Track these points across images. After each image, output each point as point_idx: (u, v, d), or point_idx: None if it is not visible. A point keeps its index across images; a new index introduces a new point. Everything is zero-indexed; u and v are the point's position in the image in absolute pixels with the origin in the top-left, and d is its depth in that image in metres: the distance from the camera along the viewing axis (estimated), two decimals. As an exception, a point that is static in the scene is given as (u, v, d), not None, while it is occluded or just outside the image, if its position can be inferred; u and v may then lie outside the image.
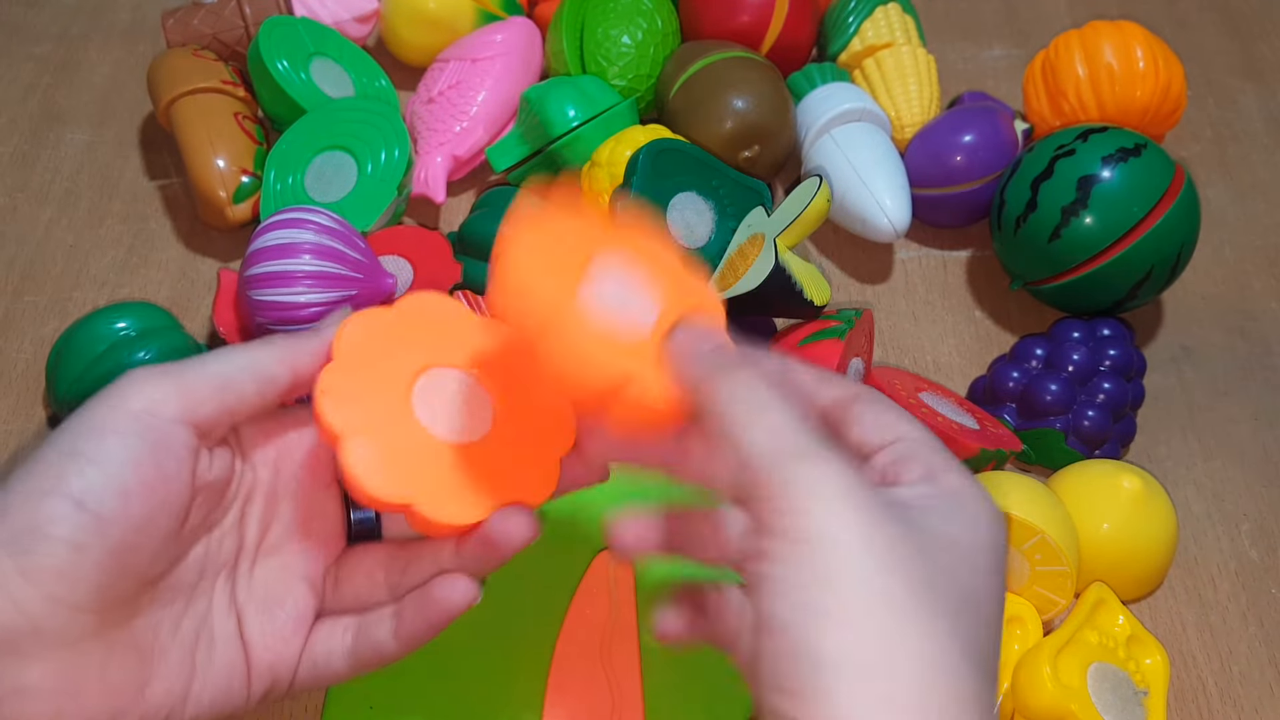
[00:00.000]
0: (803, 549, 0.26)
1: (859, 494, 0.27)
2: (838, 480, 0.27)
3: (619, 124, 0.65)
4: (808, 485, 0.27)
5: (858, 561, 0.26)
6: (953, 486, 0.29)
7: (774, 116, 0.66)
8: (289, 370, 0.33)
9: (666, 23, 0.71)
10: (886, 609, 0.26)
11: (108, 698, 0.29)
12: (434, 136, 0.68)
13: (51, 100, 0.77)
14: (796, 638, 0.26)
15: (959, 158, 0.66)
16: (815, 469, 0.27)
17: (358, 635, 0.35)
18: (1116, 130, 0.61)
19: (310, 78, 0.67)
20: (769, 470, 0.27)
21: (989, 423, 0.58)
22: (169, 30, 0.72)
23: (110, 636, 0.29)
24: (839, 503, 0.27)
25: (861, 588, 0.26)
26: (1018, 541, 0.50)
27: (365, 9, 0.76)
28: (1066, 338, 0.60)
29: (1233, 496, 0.59)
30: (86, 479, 0.28)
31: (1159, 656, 0.51)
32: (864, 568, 0.26)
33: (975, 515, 0.29)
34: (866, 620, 0.25)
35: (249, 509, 0.34)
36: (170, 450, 0.30)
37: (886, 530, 0.27)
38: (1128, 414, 0.59)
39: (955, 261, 0.70)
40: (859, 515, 0.27)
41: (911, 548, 0.27)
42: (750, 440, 0.28)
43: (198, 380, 0.31)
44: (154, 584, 0.31)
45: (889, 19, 0.73)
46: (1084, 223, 0.59)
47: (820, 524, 0.26)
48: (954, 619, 0.26)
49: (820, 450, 0.28)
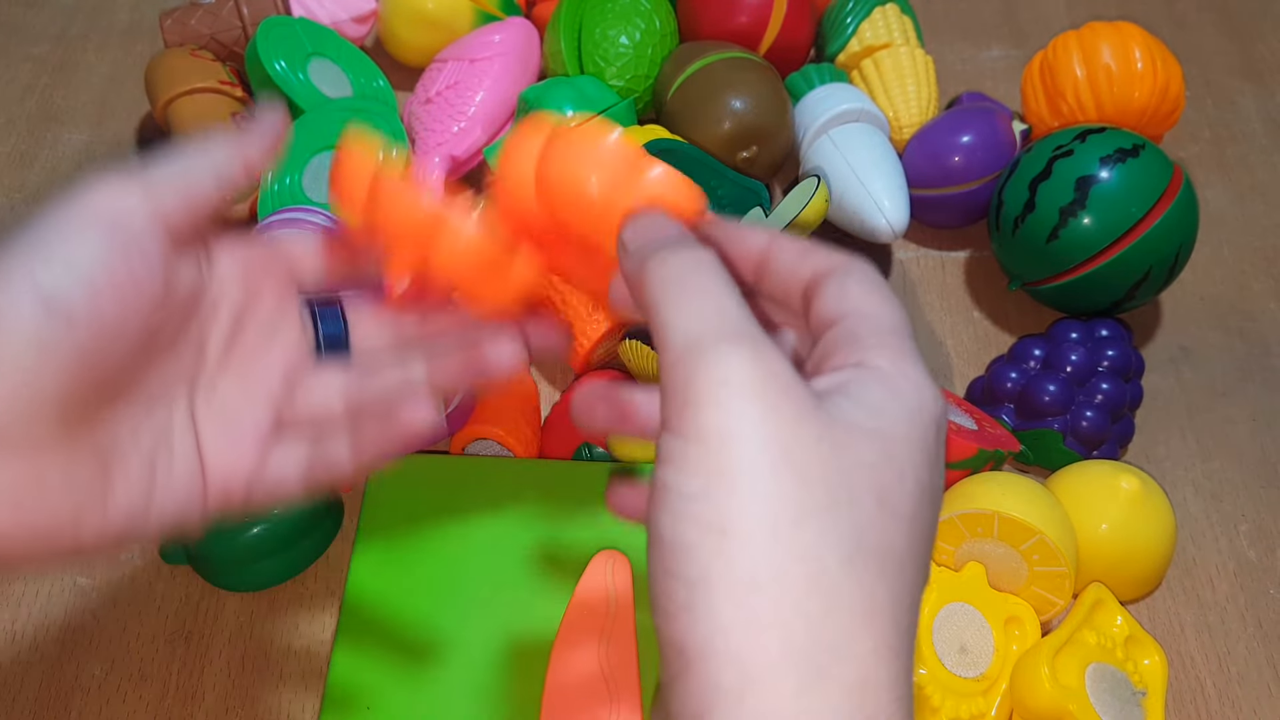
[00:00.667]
0: (695, 449, 0.24)
1: (771, 384, 0.24)
2: (750, 368, 0.24)
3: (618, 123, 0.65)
4: (714, 374, 0.24)
5: (753, 462, 0.23)
6: (882, 369, 0.26)
7: (772, 117, 0.66)
8: (242, 166, 0.33)
9: (664, 23, 0.71)
10: (780, 516, 0.23)
11: (70, 501, 0.28)
12: (431, 137, 0.68)
13: (49, 100, 0.77)
14: (678, 550, 0.23)
15: (957, 158, 0.66)
16: (726, 356, 0.24)
17: (313, 453, 0.34)
18: (1115, 131, 0.61)
19: (308, 78, 0.67)
20: (680, 359, 0.24)
21: (987, 423, 0.58)
22: (167, 30, 0.72)
23: (73, 441, 0.28)
24: (744, 394, 0.24)
25: (754, 493, 0.23)
26: (1016, 542, 0.50)
27: (363, 9, 0.76)
28: (1065, 338, 0.60)
29: (1231, 497, 0.59)
30: (55, 277, 0.27)
31: (1157, 657, 0.51)
32: (759, 469, 0.23)
33: (904, 402, 0.26)
34: (756, 530, 0.23)
35: (214, 323, 0.34)
36: (142, 252, 0.29)
37: (794, 427, 0.24)
38: (1126, 415, 0.59)
39: (953, 262, 0.70)
40: (764, 408, 0.24)
41: (820, 445, 0.24)
42: (671, 327, 0.25)
43: (163, 180, 0.31)
44: (118, 391, 0.30)
45: (887, 20, 0.73)
46: (1082, 223, 0.59)
47: (717, 419, 0.23)
48: (861, 525, 0.24)
49: (740, 335, 0.25)
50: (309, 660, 0.52)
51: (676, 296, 0.26)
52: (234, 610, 0.53)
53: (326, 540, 0.55)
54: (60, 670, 0.51)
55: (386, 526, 0.53)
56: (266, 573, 0.53)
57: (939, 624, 0.50)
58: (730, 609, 0.22)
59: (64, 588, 0.54)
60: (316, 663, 0.52)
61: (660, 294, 0.26)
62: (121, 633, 0.52)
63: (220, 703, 0.50)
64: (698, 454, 0.24)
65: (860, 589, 0.23)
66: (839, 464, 0.24)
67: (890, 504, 0.24)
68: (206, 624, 0.53)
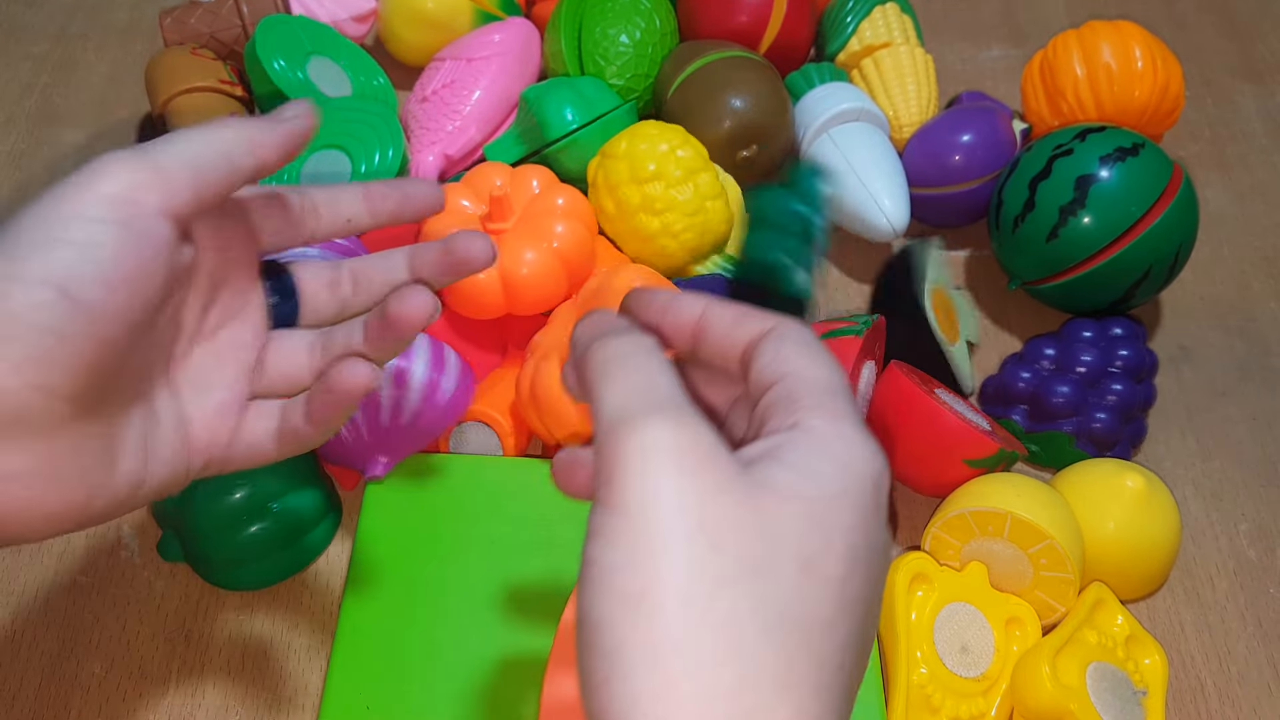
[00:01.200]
0: (618, 520, 0.24)
1: (692, 454, 0.24)
2: (671, 438, 0.24)
3: (617, 128, 0.65)
4: (636, 446, 0.24)
5: (670, 531, 0.23)
6: (817, 430, 0.26)
7: (772, 116, 0.66)
8: (255, 159, 0.32)
9: (665, 22, 0.71)
10: (695, 586, 0.23)
11: (83, 483, 0.30)
12: (427, 135, 0.68)
13: (49, 99, 0.77)
14: (600, 624, 0.23)
15: (957, 157, 0.66)
16: (648, 428, 0.24)
17: (281, 418, 0.35)
18: (1115, 130, 0.61)
19: (307, 77, 0.67)
20: (607, 433, 0.25)
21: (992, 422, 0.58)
22: (166, 29, 0.72)
23: (81, 424, 0.29)
24: (664, 464, 0.24)
25: (670, 562, 0.23)
26: (1026, 544, 0.50)
27: (363, 8, 0.76)
28: (1077, 338, 0.60)
29: (1231, 496, 0.59)
30: (69, 266, 0.28)
31: (1158, 656, 0.51)
32: (676, 538, 0.23)
33: (837, 463, 0.25)
34: (671, 600, 0.23)
35: (192, 293, 0.34)
36: (152, 242, 0.29)
37: (714, 496, 0.24)
38: (1138, 416, 0.59)
39: (954, 263, 0.70)
40: (684, 478, 0.24)
41: (740, 513, 0.24)
42: (603, 403, 0.26)
43: (173, 166, 0.30)
44: (118, 372, 0.30)
45: (887, 19, 0.73)
46: (1082, 222, 0.59)
47: (637, 490, 0.24)
48: (783, 592, 0.23)
49: (664, 407, 0.25)
50: (308, 659, 0.52)
51: (611, 376, 0.26)
52: (234, 609, 0.53)
53: (326, 539, 0.55)
54: (60, 668, 0.51)
55: (386, 526, 0.53)
56: (266, 572, 0.53)
57: (940, 624, 0.50)
58: (646, 679, 0.22)
59: (64, 586, 0.54)
60: (316, 661, 0.52)
61: (598, 375, 0.27)
62: (121, 631, 0.52)
63: (220, 701, 0.50)
64: (620, 525, 0.24)
65: (779, 657, 0.23)
66: (760, 532, 0.24)
67: (817, 569, 0.24)
68: (206, 623, 0.53)
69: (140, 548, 0.55)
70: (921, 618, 0.50)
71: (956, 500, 0.52)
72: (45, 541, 0.55)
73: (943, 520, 0.52)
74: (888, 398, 0.55)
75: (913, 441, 0.54)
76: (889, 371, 0.55)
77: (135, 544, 0.55)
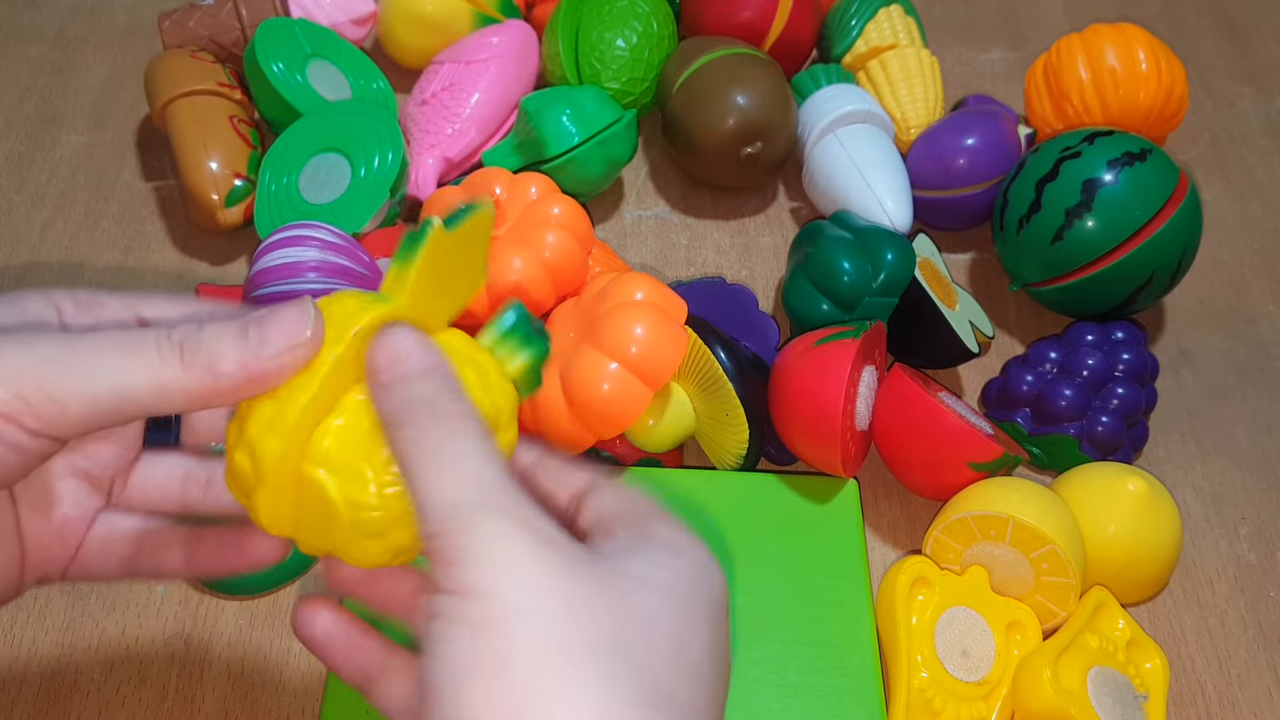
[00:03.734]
0: (469, 603, 0.24)
1: (543, 544, 0.24)
2: (522, 530, 0.24)
3: (616, 144, 0.65)
4: (486, 535, 0.24)
5: (527, 613, 0.23)
6: (664, 537, 0.27)
7: (776, 113, 0.66)
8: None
9: (662, 26, 0.71)
10: (554, 661, 0.23)
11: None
12: (426, 138, 0.68)
13: (48, 102, 0.77)
14: (449, 699, 0.23)
15: (962, 161, 0.66)
16: (498, 520, 0.24)
17: (140, 550, 0.32)
18: (1122, 134, 0.61)
19: (306, 80, 0.67)
20: (447, 519, 0.24)
21: (994, 426, 0.58)
22: (165, 32, 0.72)
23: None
24: (519, 553, 0.24)
25: (527, 639, 0.23)
26: (1027, 549, 0.50)
27: (362, 11, 0.75)
28: (1081, 341, 0.60)
29: (1231, 500, 0.59)
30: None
31: (1158, 660, 0.51)
32: (533, 619, 0.23)
33: (690, 562, 0.27)
34: (528, 675, 0.23)
35: None
36: (20, 455, 0.26)
37: (569, 580, 0.24)
38: (1141, 420, 0.59)
39: (955, 265, 0.70)
40: (538, 565, 0.24)
41: (605, 592, 0.24)
42: (432, 487, 0.25)
43: (69, 400, 0.26)
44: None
45: (892, 21, 0.73)
46: (1087, 226, 0.59)
47: (491, 576, 0.24)
48: (656, 670, 0.24)
49: (509, 501, 0.25)
50: (309, 663, 0.52)
51: (436, 461, 0.25)
52: (233, 613, 0.53)
53: (326, 543, 0.55)
54: (59, 674, 0.51)
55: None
56: (266, 576, 0.53)
57: (941, 628, 0.50)
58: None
59: (63, 590, 0.53)
60: (316, 666, 0.51)
61: (416, 457, 0.26)
62: (121, 636, 0.52)
63: (219, 706, 0.50)
64: (471, 608, 0.24)
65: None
66: (626, 611, 0.24)
67: (686, 655, 0.25)
68: (206, 627, 0.52)
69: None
70: (922, 621, 0.50)
71: (958, 504, 0.52)
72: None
73: (944, 524, 0.52)
74: (891, 400, 0.55)
75: (916, 444, 0.54)
76: (892, 374, 0.55)
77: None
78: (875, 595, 0.53)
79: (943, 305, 0.58)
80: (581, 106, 0.65)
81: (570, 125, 0.64)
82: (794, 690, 0.49)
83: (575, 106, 0.65)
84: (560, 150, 0.64)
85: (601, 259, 0.62)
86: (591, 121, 0.64)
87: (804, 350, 0.53)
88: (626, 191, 0.73)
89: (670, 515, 0.29)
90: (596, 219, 0.71)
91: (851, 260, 0.57)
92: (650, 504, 0.29)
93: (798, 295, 0.59)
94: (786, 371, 0.53)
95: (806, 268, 0.59)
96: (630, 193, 0.73)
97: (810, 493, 0.55)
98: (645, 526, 0.28)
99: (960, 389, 0.63)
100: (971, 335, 0.60)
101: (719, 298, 0.62)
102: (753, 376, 0.54)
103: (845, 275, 0.57)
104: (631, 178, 0.73)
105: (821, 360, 0.52)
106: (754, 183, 0.71)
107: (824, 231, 0.60)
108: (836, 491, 0.55)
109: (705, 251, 0.69)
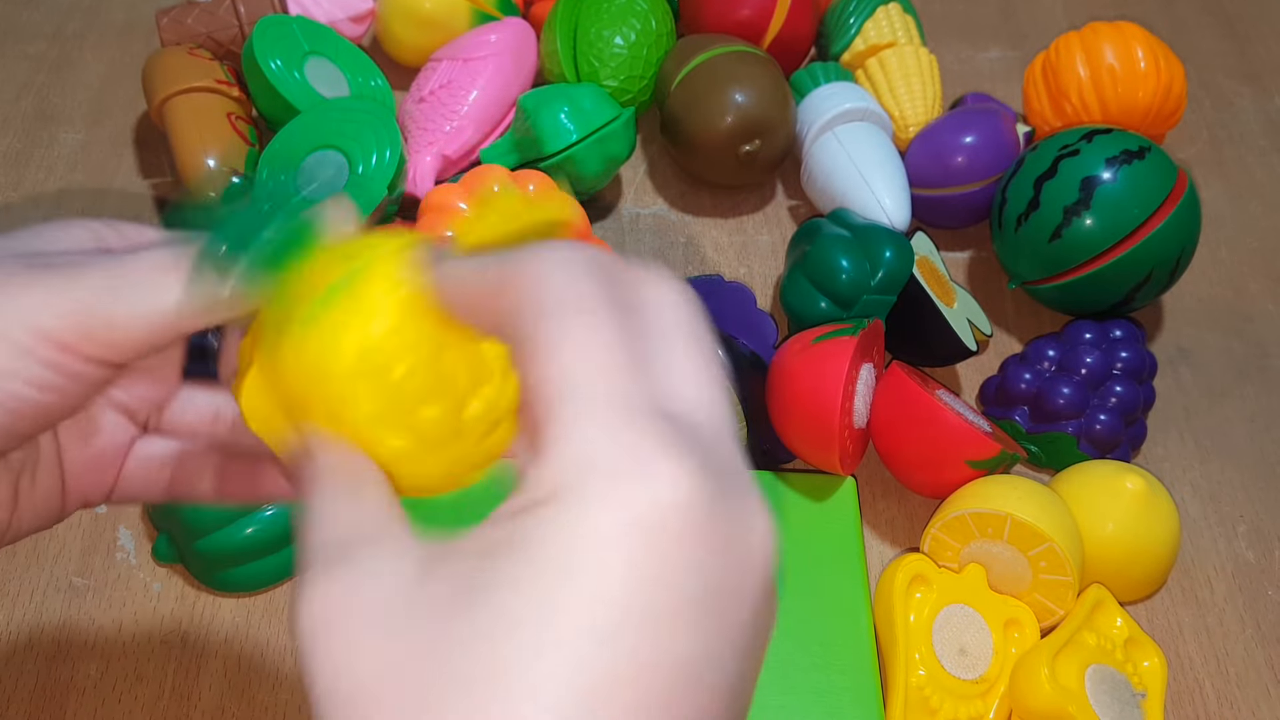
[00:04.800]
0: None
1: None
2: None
3: (614, 142, 0.65)
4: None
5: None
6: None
7: (775, 111, 0.66)
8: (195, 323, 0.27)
9: (660, 24, 0.71)
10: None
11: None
12: (424, 135, 0.68)
13: (45, 99, 0.77)
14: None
15: (960, 159, 0.66)
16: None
17: (176, 476, 0.33)
18: (1121, 133, 0.61)
19: (304, 77, 0.67)
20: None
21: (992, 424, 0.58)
22: (164, 29, 0.72)
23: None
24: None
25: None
26: (1025, 547, 0.50)
27: (360, 9, 0.75)
28: (1079, 339, 0.60)
29: (1229, 498, 0.59)
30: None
31: (1156, 659, 0.50)
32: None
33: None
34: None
35: None
36: (80, 384, 0.27)
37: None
38: (1139, 418, 0.59)
39: (954, 263, 0.69)
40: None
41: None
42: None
43: (129, 323, 0.26)
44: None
45: (890, 19, 0.73)
46: (1085, 223, 0.59)
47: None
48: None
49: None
50: (305, 661, 0.51)
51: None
52: (230, 610, 0.53)
53: (323, 541, 0.55)
54: (55, 671, 0.51)
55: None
56: (262, 574, 0.53)
57: (939, 626, 0.50)
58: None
59: (59, 587, 0.53)
60: (313, 664, 0.51)
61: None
62: (117, 633, 0.52)
63: (216, 703, 0.50)
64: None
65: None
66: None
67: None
68: (203, 624, 0.52)
69: (136, 550, 0.55)
70: (920, 619, 0.50)
71: (956, 502, 0.52)
72: (40, 544, 0.54)
73: (942, 521, 0.52)
74: (889, 398, 0.54)
75: (914, 442, 0.54)
76: (890, 372, 0.55)
77: (131, 546, 0.55)
78: (873, 593, 0.53)
79: (941, 303, 0.58)
80: (580, 104, 0.65)
81: (568, 123, 0.64)
82: (792, 688, 0.49)
83: (573, 104, 0.65)
84: (558, 148, 0.64)
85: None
86: (590, 119, 0.64)
87: (802, 348, 0.53)
88: (625, 189, 0.73)
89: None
90: (594, 217, 0.71)
91: (850, 258, 0.57)
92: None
93: (796, 293, 0.59)
94: (784, 369, 0.53)
95: (805, 266, 0.59)
96: (628, 190, 0.73)
97: (808, 490, 0.55)
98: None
99: (958, 387, 0.63)
100: (970, 333, 0.60)
101: (717, 295, 0.62)
102: (750, 374, 0.54)
103: (843, 273, 0.57)
104: (630, 175, 0.73)
105: (819, 358, 0.52)
106: (752, 181, 0.71)
107: (822, 229, 0.60)
108: (834, 489, 0.55)
109: (703, 249, 0.69)
